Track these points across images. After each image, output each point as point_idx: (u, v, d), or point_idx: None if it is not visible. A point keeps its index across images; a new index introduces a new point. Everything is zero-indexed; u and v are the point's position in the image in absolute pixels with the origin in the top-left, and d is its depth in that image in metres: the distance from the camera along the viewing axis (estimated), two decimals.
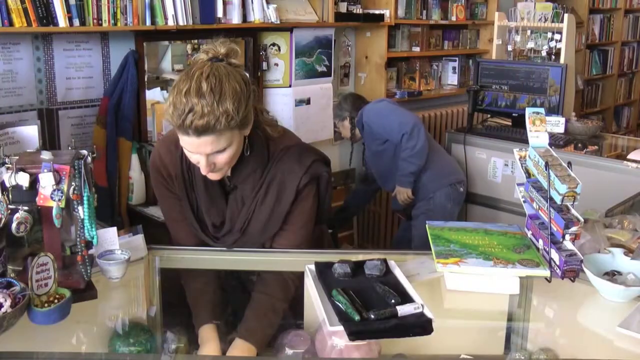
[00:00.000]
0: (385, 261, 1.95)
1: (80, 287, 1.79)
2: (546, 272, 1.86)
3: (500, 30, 5.03)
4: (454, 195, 4.12)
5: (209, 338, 1.87)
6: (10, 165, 1.69)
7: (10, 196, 1.70)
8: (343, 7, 4.85)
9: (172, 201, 2.15)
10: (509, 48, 4.98)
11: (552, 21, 4.87)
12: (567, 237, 1.87)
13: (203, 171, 1.90)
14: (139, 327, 1.83)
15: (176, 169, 2.10)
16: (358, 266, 1.92)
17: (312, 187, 2.11)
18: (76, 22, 3.29)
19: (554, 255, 1.89)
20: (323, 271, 1.91)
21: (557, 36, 4.75)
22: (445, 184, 4.10)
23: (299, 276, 2.01)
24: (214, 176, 1.96)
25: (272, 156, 2.07)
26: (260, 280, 2.09)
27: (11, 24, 3.11)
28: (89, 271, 1.82)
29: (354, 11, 4.93)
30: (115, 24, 3.45)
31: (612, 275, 1.93)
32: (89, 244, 1.80)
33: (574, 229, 1.86)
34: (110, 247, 1.97)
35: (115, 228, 2.02)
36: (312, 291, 1.85)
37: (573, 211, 1.91)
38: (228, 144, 1.86)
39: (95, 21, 3.36)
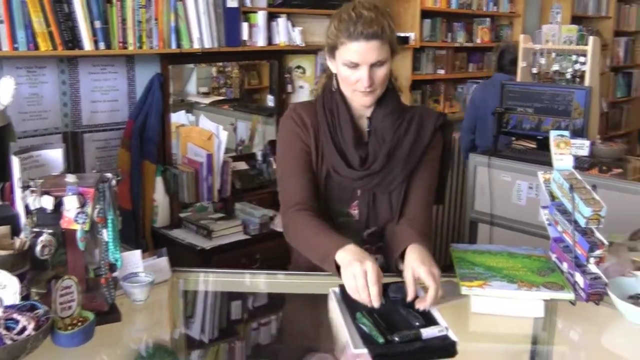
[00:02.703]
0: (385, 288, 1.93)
1: (104, 310, 1.80)
2: (571, 296, 1.86)
3: (525, 52, 5.01)
4: None
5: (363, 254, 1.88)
6: (35, 189, 1.71)
7: (34, 219, 1.72)
8: None
9: (300, 149, 2.22)
10: (534, 70, 4.96)
11: (577, 44, 4.86)
12: (592, 260, 1.87)
13: (364, 83, 2.06)
14: (163, 350, 1.84)
15: (318, 117, 2.22)
16: (382, 289, 1.91)
17: (441, 136, 2.30)
18: (102, 45, 3.33)
19: (579, 278, 1.88)
20: (347, 294, 1.90)
21: (581, 59, 4.72)
22: None
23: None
24: (368, 99, 2.14)
25: (404, 106, 2.29)
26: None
27: (37, 47, 3.15)
28: (112, 294, 1.83)
29: None
30: (141, 47, 3.48)
31: (636, 299, 1.92)
32: (113, 267, 1.82)
33: (598, 252, 1.86)
34: (134, 270, 1.97)
35: (139, 251, 2.03)
36: (336, 314, 1.84)
37: (597, 234, 1.90)
38: (386, 58, 2.08)
39: (120, 44, 3.40)
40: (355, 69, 2.06)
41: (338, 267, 1.89)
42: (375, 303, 1.75)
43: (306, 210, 2.11)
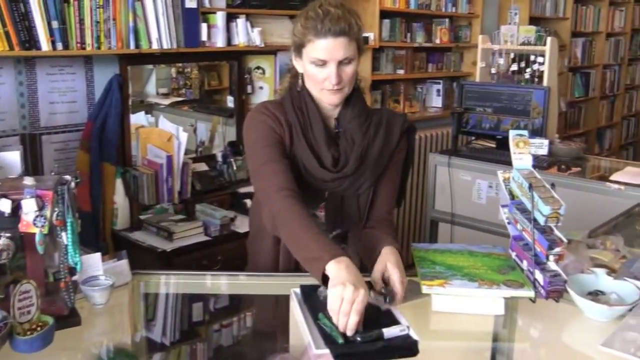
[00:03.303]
0: (370, 283, 1.95)
1: (64, 314, 1.78)
2: (531, 293, 1.88)
3: (484, 53, 5.06)
4: None
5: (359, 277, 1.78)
6: None
7: None
8: None
9: (274, 139, 2.17)
10: (493, 71, 5.01)
11: (535, 44, 4.92)
12: (551, 257, 1.90)
13: (332, 81, 2.07)
14: (124, 353, 1.82)
15: (289, 115, 2.20)
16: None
17: (406, 140, 2.33)
18: (59, 46, 3.28)
19: (538, 276, 1.91)
20: (309, 294, 1.91)
21: (540, 59, 4.79)
22: None
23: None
24: (335, 98, 2.13)
25: (370, 109, 2.31)
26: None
27: None
28: (72, 297, 1.81)
29: None
30: (99, 48, 3.44)
31: (595, 295, 1.95)
32: (72, 270, 1.80)
33: (557, 249, 1.89)
34: (94, 273, 1.95)
35: (99, 254, 2.01)
36: (297, 314, 1.85)
37: (556, 232, 1.93)
38: (353, 56, 2.08)
39: (78, 45, 3.36)
40: (323, 66, 2.07)
41: (324, 275, 1.82)
42: (349, 332, 1.68)
43: (294, 198, 2.02)
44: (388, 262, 1.96)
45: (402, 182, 2.39)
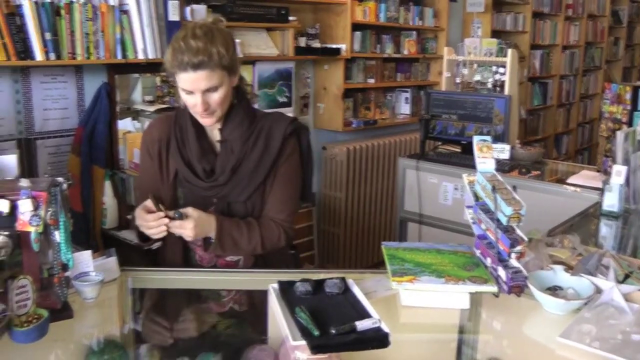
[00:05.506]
0: (344, 280, 1.96)
1: (57, 308, 1.78)
2: (494, 288, 1.90)
3: (449, 63, 5.09)
4: None
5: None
6: None
7: None
8: (302, 42, 4.88)
9: (149, 168, 2.31)
10: (457, 80, 5.04)
11: (497, 56, 4.95)
12: (513, 255, 1.91)
13: (199, 109, 2.10)
14: (113, 344, 1.82)
15: (169, 132, 2.27)
16: (318, 284, 1.94)
17: (296, 142, 2.32)
18: (52, 56, 3.26)
19: (501, 272, 1.92)
20: (286, 289, 1.92)
21: (501, 69, 4.82)
22: None
23: (291, 235, 2.33)
24: (208, 121, 2.16)
25: (257, 116, 2.29)
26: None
27: None
28: (65, 292, 1.81)
29: (313, 45, 4.96)
30: (89, 58, 3.43)
31: (553, 290, 1.97)
32: (65, 267, 1.80)
33: (518, 248, 1.90)
34: (85, 269, 1.96)
35: (89, 251, 2.01)
36: (275, 308, 1.85)
37: (518, 231, 1.94)
38: (219, 83, 2.08)
39: (70, 55, 3.34)
40: (190, 95, 2.10)
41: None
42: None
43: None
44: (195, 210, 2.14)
45: (306, 179, 2.42)
